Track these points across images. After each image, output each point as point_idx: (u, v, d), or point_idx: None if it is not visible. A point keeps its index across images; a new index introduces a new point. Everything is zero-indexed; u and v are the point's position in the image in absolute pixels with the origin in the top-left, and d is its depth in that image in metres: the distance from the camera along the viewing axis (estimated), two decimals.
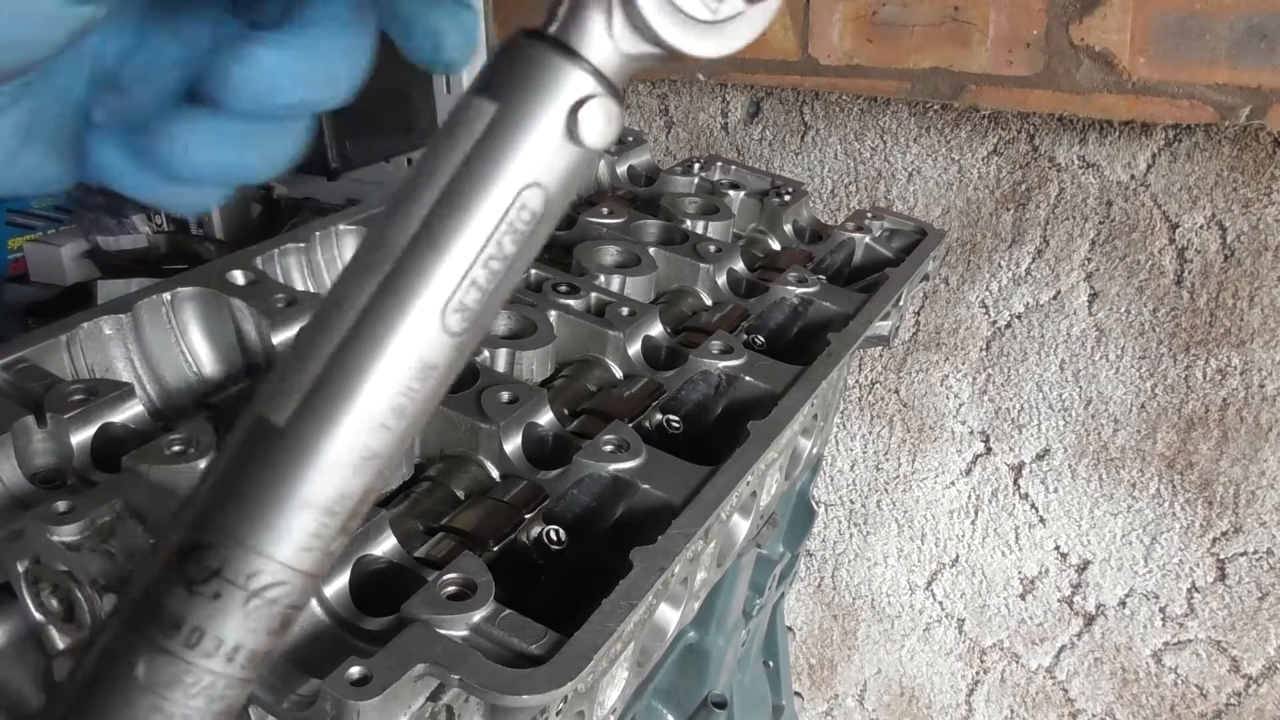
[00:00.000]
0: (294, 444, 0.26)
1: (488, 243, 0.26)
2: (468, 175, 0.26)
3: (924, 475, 1.48)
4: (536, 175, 0.26)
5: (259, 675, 0.28)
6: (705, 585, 0.71)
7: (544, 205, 0.27)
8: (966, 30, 1.28)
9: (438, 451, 0.67)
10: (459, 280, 0.26)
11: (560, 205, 0.27)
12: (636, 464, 0.63)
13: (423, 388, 0.27)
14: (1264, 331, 1.20)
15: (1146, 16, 1.17)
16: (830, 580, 1.63)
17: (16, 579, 0.52)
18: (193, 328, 0.74)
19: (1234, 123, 1.17)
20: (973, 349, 1.39)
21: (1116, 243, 1.26)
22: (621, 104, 0.27)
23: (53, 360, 0.67)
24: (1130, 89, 1.21)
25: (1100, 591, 1.40)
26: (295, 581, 0.27)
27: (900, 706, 1.65)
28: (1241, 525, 1.28)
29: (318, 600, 0.52)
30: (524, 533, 0.61)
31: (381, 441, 0.27)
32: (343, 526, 0.27)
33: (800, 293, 0.89)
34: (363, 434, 0.27)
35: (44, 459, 0.60)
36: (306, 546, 0.27)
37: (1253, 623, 1.31)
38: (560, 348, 0.78)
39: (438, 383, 0.27)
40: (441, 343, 0.27)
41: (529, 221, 0.27)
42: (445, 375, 0.27)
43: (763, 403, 0.72)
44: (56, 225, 1.83)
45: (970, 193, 1.34)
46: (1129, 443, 1.32)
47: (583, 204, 1.06)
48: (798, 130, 1.43)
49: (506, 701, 0.45)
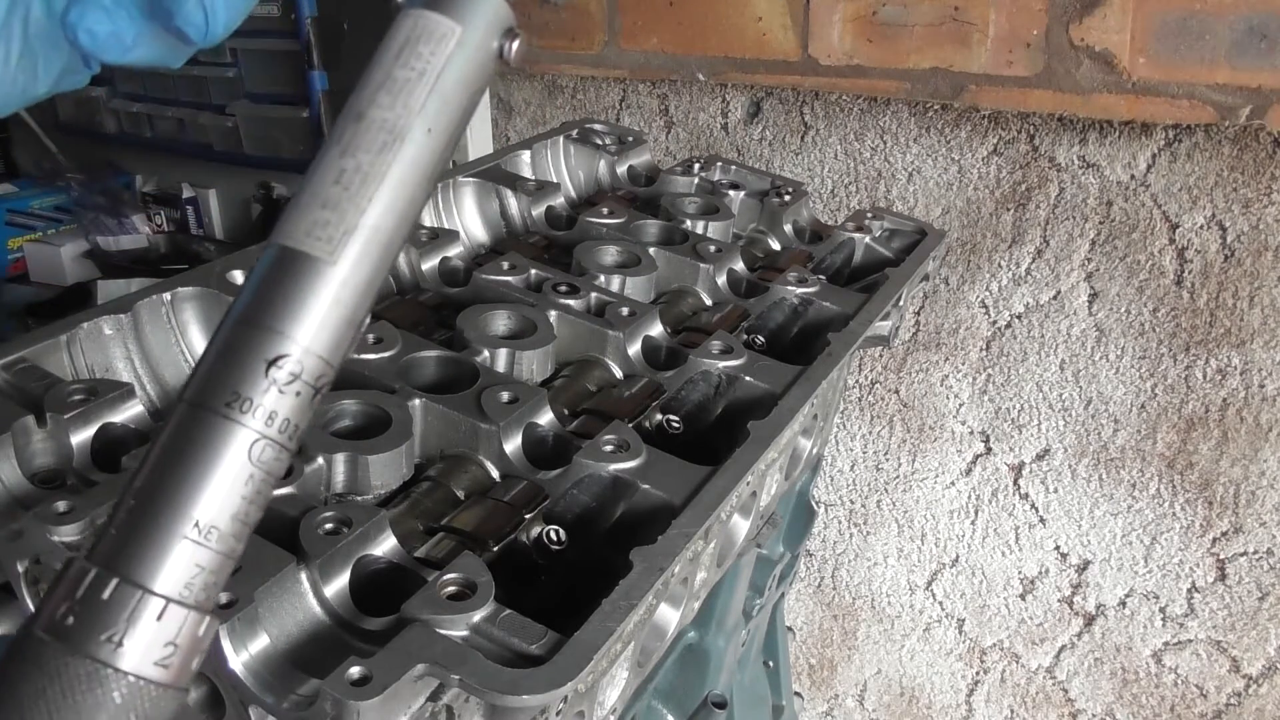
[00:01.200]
0: None
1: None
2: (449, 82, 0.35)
3: (924, 475, 1.48)
4: (481, 80, 0.36)
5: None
6: (705, 585, 0.71)
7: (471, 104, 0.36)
8: (966, 30, 1.28)
9: (438, 451, 0.67)
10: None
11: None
12: (636, 464, 0.63)
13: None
14: (1264, 331, 1.20)
15: (1146, 16, 1.17)
16: (830, 580, 1.63)
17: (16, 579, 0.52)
18: (193, 328, 0.74)
19: (1234, 123, 1.17)
20: (973, 349, 1.39)
21: (1116, 243, 1.26)
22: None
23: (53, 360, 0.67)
24: (1130, 89, 1.21)
25: (1100, 591, 1.40)
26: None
27: (900, 706, 1.65)
28: (1241, 525, 1.28)
29: (318, 600, 0.52)
30: (524, 533, 0.61)
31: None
32: None
33: (800, 293, 0.89)
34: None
35: (44, 459, 0.60)
36: None
37: (1253, 623, 1.31)
38: (560, 348, 0.78)
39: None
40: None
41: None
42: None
43: (763, 403, 0.72)
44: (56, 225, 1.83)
45: (970, 193, 1.34)
46: (1129, 443, 1.32)
47: (583, 204, 1.06)
48: (798, 130, 1.43)
49: (506, 701, 0.45)
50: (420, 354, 0.71)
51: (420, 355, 0.71)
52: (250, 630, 0.48)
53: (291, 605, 0.51)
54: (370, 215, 0.33)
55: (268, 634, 0.49)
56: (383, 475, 0.61)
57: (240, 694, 0.48)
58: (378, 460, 0.60)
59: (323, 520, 0.54)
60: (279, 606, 0.50)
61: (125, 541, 0.30)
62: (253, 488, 0.32)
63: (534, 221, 0.99)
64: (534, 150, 1.07)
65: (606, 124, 1.16)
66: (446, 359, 0.72)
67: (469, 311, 0.76)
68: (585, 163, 1.10)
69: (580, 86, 1.58)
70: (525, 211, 0.98)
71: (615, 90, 1.56)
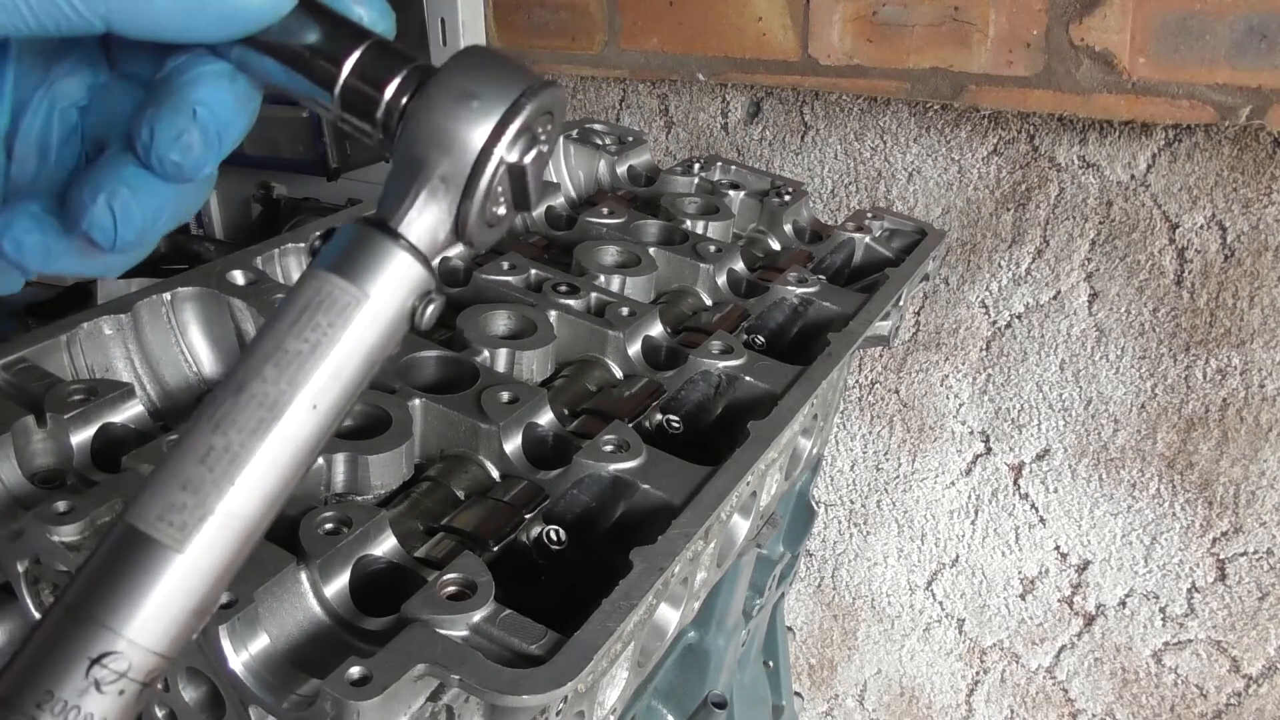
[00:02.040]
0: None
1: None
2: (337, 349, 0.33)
3: (924, 475, 1.48)
4: (386, 348, 0.35)
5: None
6: (705, 585, 0.71)
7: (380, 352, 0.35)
8: (966, 30, 1.28)
9: (438, 451, 0.67)
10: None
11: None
12: (636, 464, 0.63)
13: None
14: (1264, 331, 1.20)
15: (1146, 16, 1.17)
16: (830, 580, 1.63)
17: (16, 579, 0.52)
18: (193, 328, 0.74)
19: (1234, 123, 1.17)
20: (973, 349, 1.39)
21: (1116, 243, 1.26)
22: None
23: (53, 360, 0.67)
24: (1130, 89, 1.21)
25: (1100, 591, 1.40)
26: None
27: (900, 706, 1.65)
28: (1241, 525, 1.28)
29: (318, 600, 0.52)
30: (524, 533, 0.61)
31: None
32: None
33: (800, 293, 0.89)
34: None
35: (44, 459, 0.60)
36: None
37: (1253, 623, 1.31)
38: (560, 348, 0.78)
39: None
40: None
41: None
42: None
43: (763, 403, 0.72)
44: None
45: (970, 193, 1.34)
46: (1129, 443, 1.32)
47: (583, 204, 1.06)
48: (798, 130, 1.43)
49: (506, 701, 0.45)
50: (420, 354, 0.71)
51: (420, 355, 0.71)
52: (250, 630, 0.48)
53: (291, 605, 0.51)
54: (232, 501, 0.31)
55: (268, 634, 0.49)
56: (383, 475, 0.61)
57: (240, 694, 0.48)
58: (378, 460, 0.60)
59: (323, 520, 0.54)
60: (279, 606, 0.50)
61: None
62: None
63: (534, 221, 0.99)
64: None
65: (606, 124, 1.16)
66: (446, 359, 0.72)
67: (469, 311, 0.76)
68: (585, 163, 1.10)
69: (580, 86, 1.58)
70: None
71: (615, 90, 1.56)
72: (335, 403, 0.33)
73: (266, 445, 0.32)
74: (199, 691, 0.52)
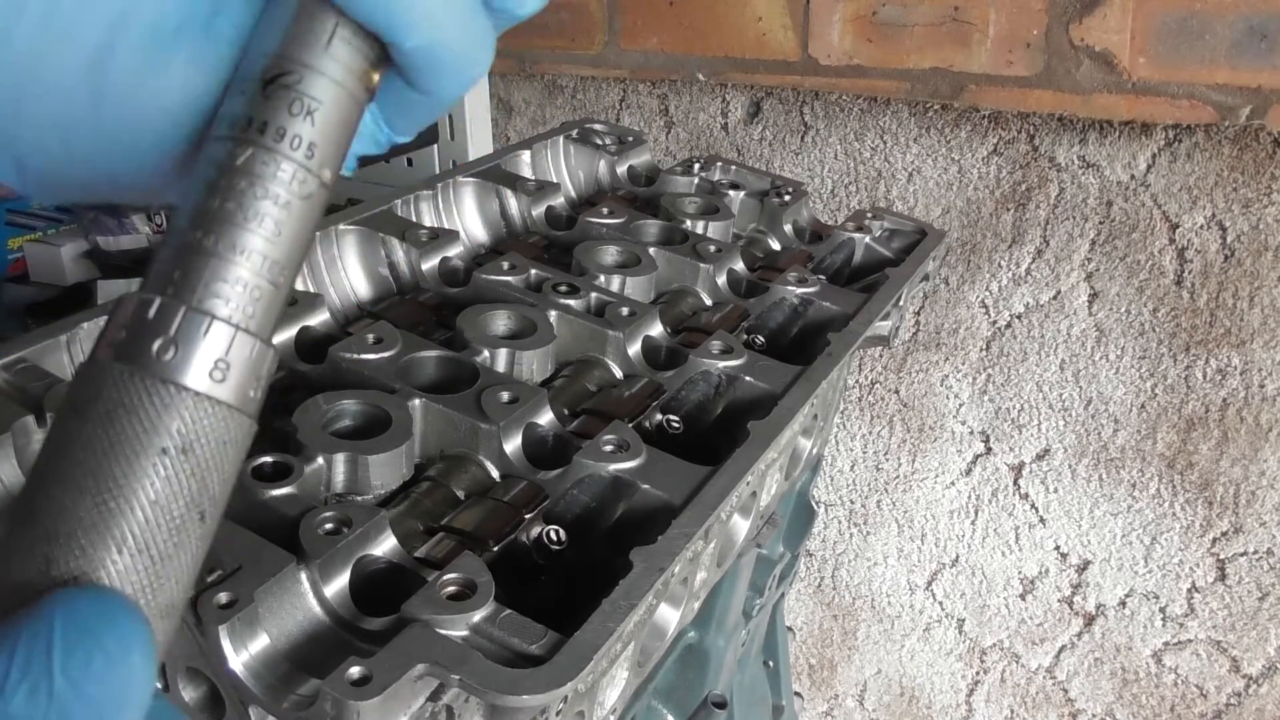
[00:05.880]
0: None
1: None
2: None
3: (924, 475, 1.48)
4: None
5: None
6: (705, 585, 0.71)
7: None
8: (966, 30, 1.28)
9: (438, 451, 0.67)
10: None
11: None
12: (636, 464, 0.63)
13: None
14: (1264, 331, 1.20)
15: (1146, 16, 1.18)
16: (830, 580, 1.63)
17: None
18: None
19: (1234, 123, 1.17)
20: (973, 349, 1.39)
21: (1116, 243, 1.26)
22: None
23: (53, 360, 0.67)
24: (1130, 89, 1.21)
25: (1100, 591, 1.40)
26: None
27: (900, 706, 1.65)
28: (1241, 525, 1.28)
29: (318, 600, 0.52)
30: (524, 533, 0.61)
31: None
32: None
33: (800, 293, 0.89)
34: None
35: None
36: None
37: (1253, 623, 1.31)
38: (560, 348, 0.78)
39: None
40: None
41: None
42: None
43: (763, 403, 0.72)
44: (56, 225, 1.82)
45: (970, 193, 1.34)
46: (1129, 443, 1.32)
47: (583, 204, 1.06)
48: (798, 130, 1.43)
49: (506, 701, 0.45)
50: (420, 354, 0.71)
51: (420, 355, 0.71)
52: (250, 630, 0.48)
53: (291, 605, 0.51)
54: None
55: (268, 634, 0.49)
56: (383, 475, 0.61)
57: (240, 694, 0.48)
58: (378, 460, 0.60)
59: (323, 520, 0.54)
60: (279, 606, 0.50)
61: (164, 267, 0.31)
62: (281, 210, 0.32)
63: (534, 221, 0.99)
64: (534, 150, 1.07)
65: (606, 124, 1.16)
66: (446, 359, 0.72)
67: (469, 311, 0.76)
68: (585, 163, 1.10)
69: (580, 86, 1.58)
70: (525, 211, 0.98)
71: (615, 90, 1.56)
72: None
73: None
74: (199, 691, 0.52)
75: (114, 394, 0.30)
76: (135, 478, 0.29)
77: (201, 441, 0.30)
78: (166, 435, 0.29)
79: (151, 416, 0.29)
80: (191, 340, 0.30)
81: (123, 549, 0.29)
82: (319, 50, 0.32)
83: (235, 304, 0.31)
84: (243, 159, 0.31)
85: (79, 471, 0.29)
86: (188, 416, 0.30)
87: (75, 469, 0.29)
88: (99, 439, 0.29)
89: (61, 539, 0.28)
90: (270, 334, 0.32)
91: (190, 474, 0.30)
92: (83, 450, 0.29)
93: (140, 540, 0.29)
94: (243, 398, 0.31)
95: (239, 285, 0.31)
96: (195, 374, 0.30)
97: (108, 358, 0.30)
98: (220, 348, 0.30)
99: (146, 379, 0.30)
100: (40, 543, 0.29)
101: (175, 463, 0.30)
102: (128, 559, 0.29)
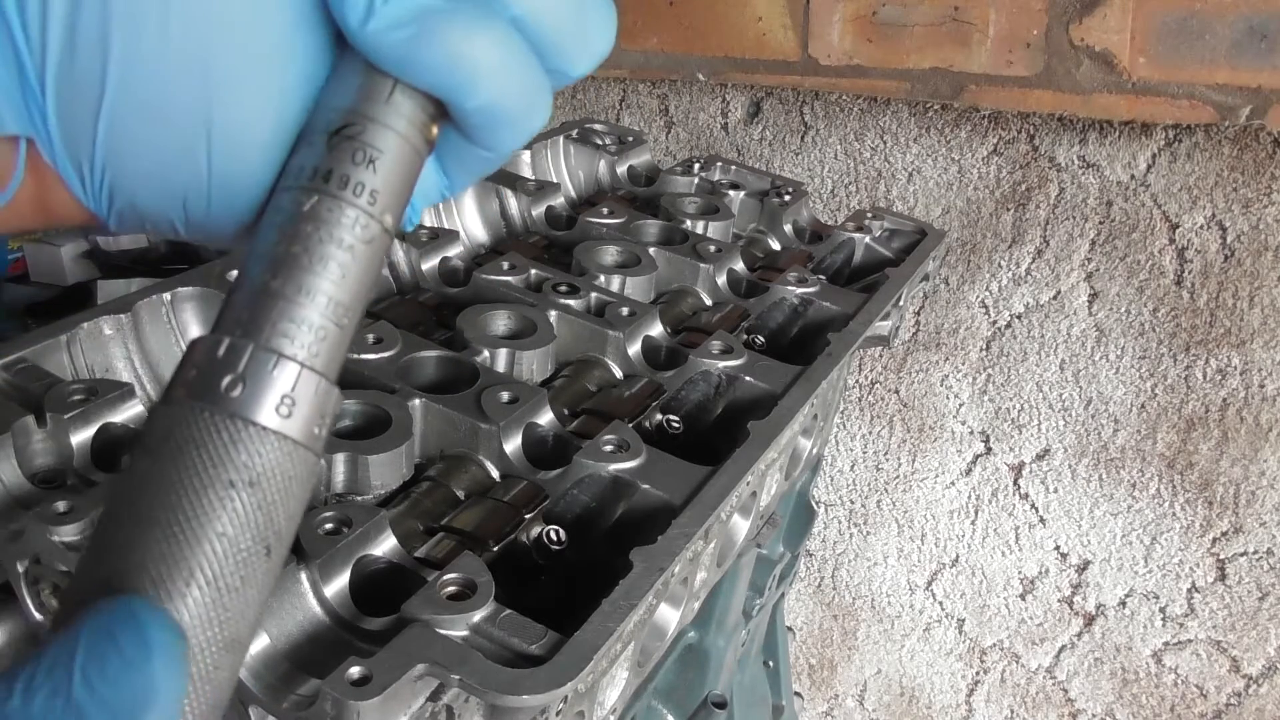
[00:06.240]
0: None
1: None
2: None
3: (924, 475, 1.48)
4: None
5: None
6: (705, 585, 0.71)
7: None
8: (966, 30, 1.28)
9: (438, 452, 0.67)
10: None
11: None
12: (636, 464, 0.63)
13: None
14: (1264, 331, 1.20)
15: (1146, 16, 1.17)
16: (830, 580, 1.63)
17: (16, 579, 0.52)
18: (193, 328, 0.74)
19: (1234, 123, 1.17)
20: (973, 349, 1.39)
21: (1116, 243, 1.26)
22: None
23: (53, 360, 0.67)
24: (1130, 89, 1.21)
25: (1100, 591, 1.40)
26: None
27: (900, 706, 1.65)
28: (1241, 525, 1.28)
29: (318, 600, 0.52)
30: (524, 533, 0.61)
31: None
32: None
33: (800, 293, 0.89)
34: None
35: (44, 459, 0.60)
36: None
37: (1253, 623, 1.31)
38: (560, 348, 0.78)
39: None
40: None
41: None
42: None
43: (763, 403, 0.72)
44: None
45: (970, 193, 1.34)
46: (1129, 443, 1.32)
47: (583, 204, 1.06)
48: (798, 130, 1.43)
49: (506, 701, 0.45)
50: (420, 354, 0.71)
51: (420, 355, 0.71)
52: None
53: (291, 605, 0.51)
54: None
55: (268, 634, 0.49)
56: (383, 475, 0.61)
57: (240, 694, 0.48)
58: (378, 460, 0.60)
59: (323, 520, 0.54)
60: (279, 606, 0.50)
61: (234, 310, 0.32)
62: (346, 253, 0.33)
63: (534, 221, 0.99)
64: (534, 150, 1.07)
65: (606, 124, 1.16)
66: (446, 359, 0.72)
67: (469, 311, 0.76)
68: (585, 163, 1.10)
69: (580, 86, 1.58)
70: (525, 211, 0.98)
71: (615, 90, 1.56)
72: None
73: None
74: None
75: (184, 430, 0.30)
76: (204, 510, 0.30)
77: (268, 476, 0.31)
78: (234, 469, 0.30)
79: (220, 450, 0.30)
80: (259, 377, 0.31)
81: (191, 581, 0.29)
82: (380, 104, 0.34)
83: (301, 343, 0.32)
84: (309, 205, 0.33)
85: (150, 506, 0.30)
86: (255, 451, 0.30)
87: (145, 503, 0.30)
88: (168, 474, 0.30)
89: (133, 569, 0.29)
90: (336, 374, 0.33)
91: (257, 508, 0.30)
92: (154, 485, 0.30)
93: (208, 572, 0.30)
94: (308, 434, 0.32)
95: (305, 325, 0.32)
96: (263, 410, 0.31)
97: (180, 396, 0.31)
98: (287, 385, 0.31)
99: (215, 414, 0.30)
100: (115, 576, 0.29)
101: (243, 496, 0.30)
102: (196, 591, 0.29)
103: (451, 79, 0.33)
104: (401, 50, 0.33)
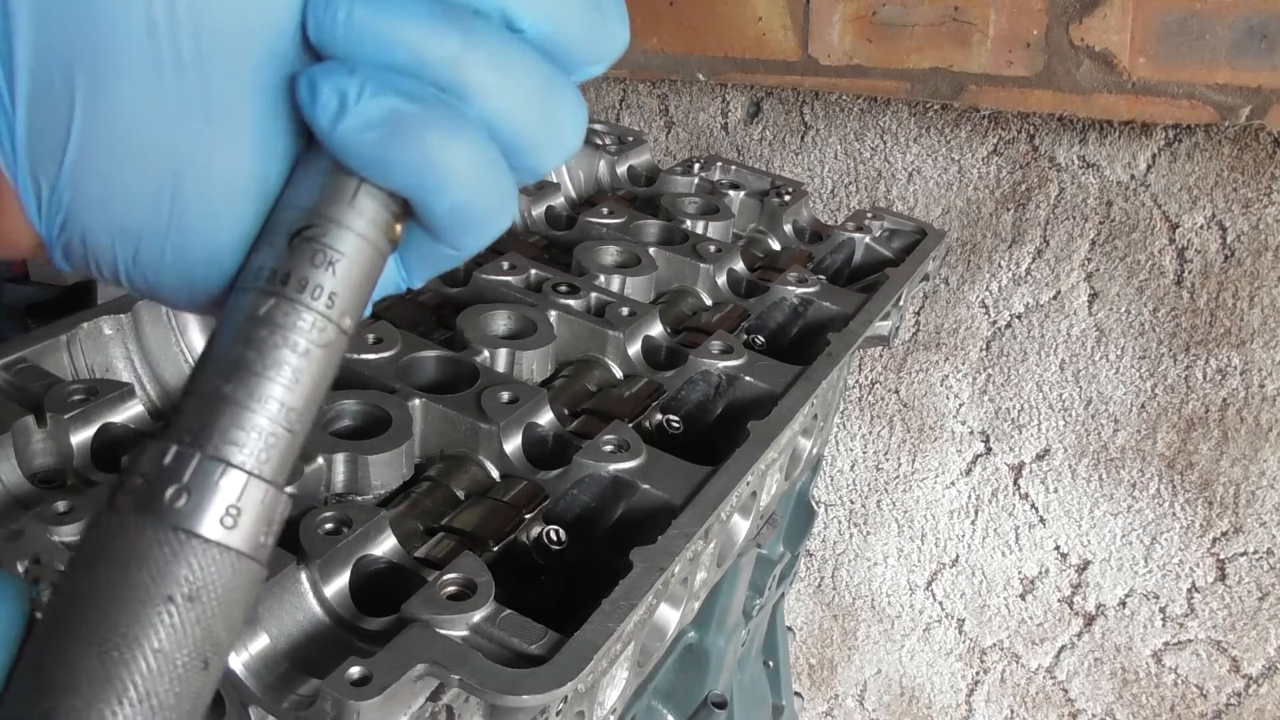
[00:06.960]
0: None
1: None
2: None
3: (924, 475, 1.48)
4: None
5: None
6: (705, 585, 0.71)
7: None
8: (966, 30, 1.28)
9: (438, 451, 0.67)
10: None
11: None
12: (636, 464, 0.63)
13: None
14: (1264, 331, 1.20)
15: (1146, 16, 1.17)
16: (830, 580, 1.63)
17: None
18: (193, 327, 0.74)
19: (1234, 123, 1.17)
20: (973, 349, 1.39)
21: (1116, 243, 1.26)
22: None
23: (53, 360, 0.67)
24: (1130, 89, 1.21)
25: (1100, 591, 1.40)
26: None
27: (900, 706, 1.65)
28: (1241, 525, 1.28)
29: (318, 600, 0.52)
30: (524, 533, 0.61)
31: None
32: None
33: (800, 293, 0.89)
34: None
35: (44, 459, 0.60)
36: None
37: (1253, 623, 1.31)
38: (560, 348, 0.78)
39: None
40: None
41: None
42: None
43: (763, 403, 0.72)
44: None
45: (970, 193, 1.34)
46: (1129, 443, 1.32)
47: (583, 204, 1.06)
48: (798, 130, 1.43)
49: (506, 701, 0.45)
50: (420, 354, 0.71)
51: (420, 355, 0.71)
52: (250, 630, 0.48)
53: (291, 605, 0.51)
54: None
55: (268, 634, 0.49)
56: (383, 475, 0.61)
57: (240, 694, 0.48)
58: (378, 460, 0.60)
59: (323, 520, 0.54)
60: (279, 606, 0.50)
61: (183, 415, 0.32)
62: (301, 358, 0.32)
63: (534, 221, 0.99)
64: None
65: (606, 124, 1.16)
66: (446, 359, 0.72)
67: (469, 311, 0.76)
68: (585, 163, 1.10)
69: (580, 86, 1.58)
70: (525, 211, 0.98)
71: (615, 90, 1.56)
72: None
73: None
74: None
75: (123, 542, 0.30)
76: (140, 627, 0.29)
77: (209, 589, 0.30)
78: (173, 583, 0.30)
79: (159, 564, 0.30)
80: (204, 487, 0.30)
81: (123, 699, 0.29)
82: (343, 205, 0.33)
83: (250, 450, 0.31)
84: (265, 309, 0.32)
85: (84, 622, 0.29)
86: (195, 564, 0.30)
87: (80, 620, 0.29)
88: (104, 588, 0.30)
89: (63, 690, 0.29)
90: (285, 480, 0.33)
91: (195, 622, 0.30)
92: (89, 599, 0.30)
93: (142, 690, 0.29)
94: (253, 544, 0.31)
95: (255, 432, 0.31)
96: (205, 521, 0.30)
97: (122, 506, 0.31)
98: (233, 494, 0.31)
99: (157, 527, 0.30)
100: (45, 694, 0.29)
101: (181, 611, 0.30)
102: (128, 709, 0.29)
103: (422, 180, 0.33)
104: (373, 151, 0.32)
